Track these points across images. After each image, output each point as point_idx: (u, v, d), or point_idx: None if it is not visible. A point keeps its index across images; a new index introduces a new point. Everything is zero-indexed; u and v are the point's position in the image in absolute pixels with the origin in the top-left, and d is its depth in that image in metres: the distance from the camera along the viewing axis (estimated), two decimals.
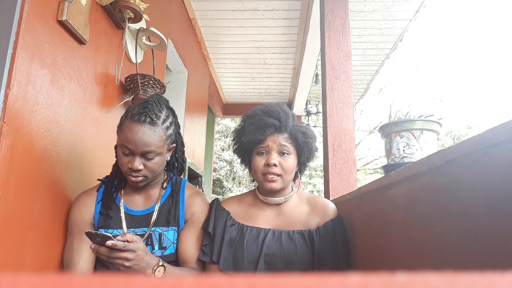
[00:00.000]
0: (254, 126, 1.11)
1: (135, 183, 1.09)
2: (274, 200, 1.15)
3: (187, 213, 1.16)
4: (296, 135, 1.12)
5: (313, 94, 5.26)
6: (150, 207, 1.16)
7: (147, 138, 1.04)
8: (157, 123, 1.06)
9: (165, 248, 1.12)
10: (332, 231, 1.11)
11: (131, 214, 1.14)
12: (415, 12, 2.99)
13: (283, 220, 1.15)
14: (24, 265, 1.01)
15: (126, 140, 1.04)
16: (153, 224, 1.12)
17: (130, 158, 1.06)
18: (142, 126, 1.04)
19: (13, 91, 0.95)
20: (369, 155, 12.37)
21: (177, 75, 2.99)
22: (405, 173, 0.77)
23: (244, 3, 2.87)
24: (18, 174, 0.98)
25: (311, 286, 0.16)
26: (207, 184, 4.77)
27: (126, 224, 1.12)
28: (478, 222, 0.53)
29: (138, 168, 1.05)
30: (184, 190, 1.21)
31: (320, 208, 1.17)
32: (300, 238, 1.11)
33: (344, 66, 1.86)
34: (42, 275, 0.16)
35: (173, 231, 1.14)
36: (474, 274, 0.17)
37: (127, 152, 1.06)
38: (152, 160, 1.07)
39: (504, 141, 0.47)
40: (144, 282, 0.16)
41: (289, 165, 1.10)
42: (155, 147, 1.06)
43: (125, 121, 1.07)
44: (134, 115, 1.05)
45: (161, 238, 1.12)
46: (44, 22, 1.09)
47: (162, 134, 1.07)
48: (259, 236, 1.11)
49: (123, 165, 1.08)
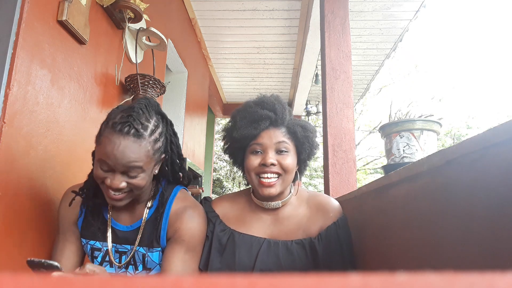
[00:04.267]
0: (247, 119, 0.97)
1: (114, 202, 0.91)
2: (270, 205, 1.01)
3: (169, 230, 0.98)
4: (295, 129, 0.98)
5: (313, 94, 5.26)
6: (136, 223, 1.00)
7: (130, 153, 0.85)
8: (144, 136, 0.87)
9: (150, 269, 0.99)
10: (336, 236, 0.98)
11: (117, 228, 1.00)
12: (415, 12, 2.99)
13: (280, 228, 1.01)
14: (24, 265, 1.01)
15: (105, 155, 0.85)
16: (138, 243, 0.98)
17: (109, 175, 0.88)
18: (124, 139, 0.85)
19: (13, 91, 0.95)
20: (369, 155, 12.37)
21: (177, 75, 2.99)
22: (405, 173, 0.77)
23: (244, 3, 2.87)
24: (18, 175, 0.98)
25: (311, 286, 0.16)
26: (207, 184, 4.78)
27: (111, 239, 0.99)
28: (478, 222, 0.53)
29: (119, 187, 0.88)
30: (171, 205, 1.01)
31: (321, 208, 1.03)
32: (300, 249, 0.97)
33: (344, 66, 1.86)
34: (42, 275, 0.16)
35: (157, 252, 0.99)
36: (474, 274, 0.17)
37: (106, 169, 0.87)
38: (136, 178, 0.89)
39: (504, 141, 0.47)
40: (144, 282, 0.16)
41: (289, 164, 0.95)
42: (141, 162, 0.87)
43: (104, 131, 0.88)
44: (116, 124, 0.86)
45: (145, 259, 0.99)
46: (44, 22, 1.09)
47: (149, 149, 0.89)
48: (252, 247, 0.98)
49: (100, 180, 0.90)
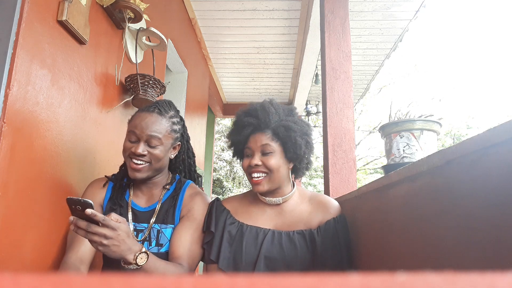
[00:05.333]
0: (235, 126, 1.13)
1: (135, 172, 1.10)
2: (272, 201, 1.13)
3: (183, 210, 1.17)
4: (278, 130, 1.06)
5: (313, 94, 5.26)
6: (152, 205, 1.17)
7: (153, 124, 1.09)
8: (165, 115, 1.13)
9: (162, 245, 1.12)
10: (334, 230, 1.08)
11: (136, 209, 1.16)
12: (415, 12, 2.99)
13: (283, 220, 1.12)
14: (24, 265, 1.01)
15: (134, 126, 1.10)
16: (153, 221, 1.14)
17: (135, 144, 1.09)
18: (150, 114, 1.11)
19: (13, 91, 0.95)
20: (369, 155, 12.37)
21: (177, 75, 2.99)
22: (405, 173, 0.77)
23: (244, 3, 2.87)
24: (18, 174, 0.98)
25: (311, 286, 0.16)
26: (207, 184, 4.77)
27: (131, 218, 1.14)
28: (478, 222, 0.53)
29: (141, 153, 1.08)
30: (185, 190, 1.21)
31: (322, 205, 1.13)
32: (301, 239, 1.08)
33: (344, 66, 1.86)
34: (42, 275, 0.16)
35: (170, 229, 1.14)
36: (474, 274, 0.17)
37: (133, 139, 1.10)
38: (156, 149, 1.10)
39: (504, 141, 0.47)
40: (144, 282, 0.16)
41: (272, 163, 1.05)
42: (160, 134, 1.10)
43: (135, 113, 1.15)
44: (144, 107, 1.14)
45: (159, 235, 1.12)
46: (44, 22, 1.09)
47: (168, 126, 1.13)
48: (258, 237, 1.09)
49: (126, 150, 1.11)
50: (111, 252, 0.84)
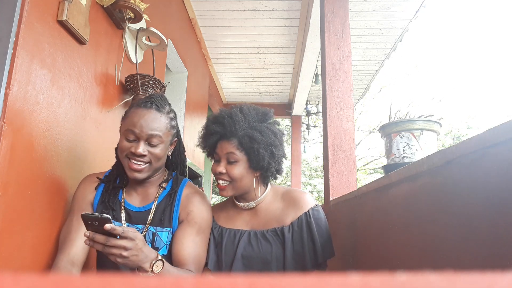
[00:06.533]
0: (203, 133, 1.15)
1: (135, 172, 1.04)
2: (245, 205, 1.16)
3: (182, 213, 1.11)
4: (243, 140, 1.06)
5: (313, 94, 5.26)
6: (147, 205, 1.12)
7: (153, 122, 1.03)
8: (163, 111, 1.07)
9: (157, 249, 1.08)
10: (306, 224, 1.09)
11: (129, 209, 1.11)
12: (415, 12, 2.99)
13: (258, 221, 1.16)
14: (24, 265, 1.01)
15: (132, 124, 1.02)
16: (149, 223, 1.09)
17: (134, 144, 1.03)
18: (148, 111, 1.03)
19: (13, 91, 0.95)
20: (369, 155, 12.37)
21: (177, 75, 2.99)
22: (405, 173, 0.77)
23: (244, 3, 2.87)
24: (18, 174, 0.98)
25: (311, 286, 0.16)
26: (207, 184, 4.78)
27: (125, 219, 1.10)
28: (478, 222, 0.53)
29: (142, 153, 1.02)
30: (183, 189, 1.16)
31: (293, 202, 1.14)
32: (274, 236, 1.11)
33: (344, 66, 1.86)
34: (42, 275, 0.16)
35: (167, 232, 1.09)
36: (474, 274, 0.17)
37: (132, 138, 1.03)
38: (157, 148, 1.05)
39: (504, 141, 0.47)
40: (144, 282, 0.16)
41: (235, 173, 1.07)
42: (161, 132, 1.04)
43: (130, 109, 1.06)
44: (140, 103, 1.06)
45: (155, 238, 1.08)
46: (44, 22, 1.09)
47: (167, 122, 1.07)
48: (235, 238, 1.13)
49: (124, 150, 1.04)
50: (130, 262, 0.83)
